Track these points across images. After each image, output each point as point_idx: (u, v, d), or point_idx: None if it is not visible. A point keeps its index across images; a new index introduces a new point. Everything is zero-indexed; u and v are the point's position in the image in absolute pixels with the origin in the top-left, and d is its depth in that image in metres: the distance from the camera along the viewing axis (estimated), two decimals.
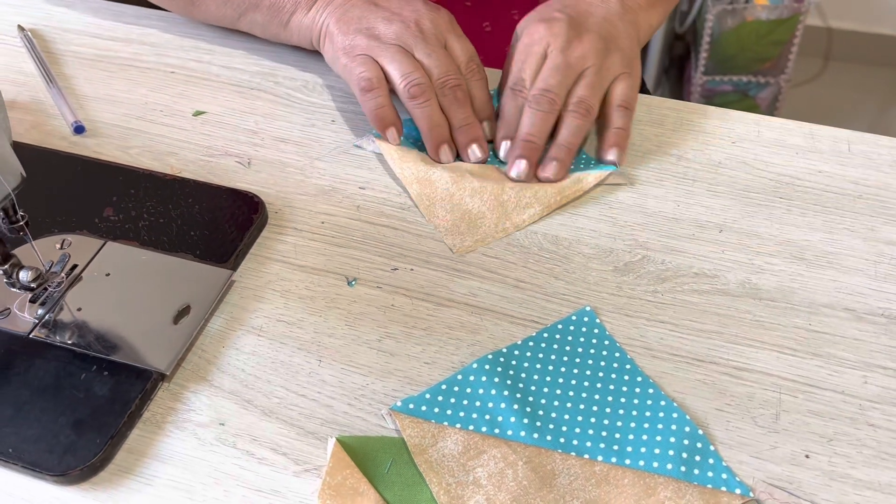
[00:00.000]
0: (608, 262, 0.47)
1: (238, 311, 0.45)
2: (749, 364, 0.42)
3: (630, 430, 0.39)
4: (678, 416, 0.40)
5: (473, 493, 0.37)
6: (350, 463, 0.38)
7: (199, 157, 0.54)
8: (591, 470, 0.38)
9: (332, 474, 0.37)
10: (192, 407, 0.41)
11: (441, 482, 0.38)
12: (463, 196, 0.49)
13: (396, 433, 0.40)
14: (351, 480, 0.37)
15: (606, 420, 0.40)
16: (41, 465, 0.38)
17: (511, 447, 0.39)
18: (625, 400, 0.41)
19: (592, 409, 0.40)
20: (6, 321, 0.44)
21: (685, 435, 0.39)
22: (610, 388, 0.41)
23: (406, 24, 0.53)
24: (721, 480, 0.37)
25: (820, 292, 0.45)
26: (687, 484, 0.37)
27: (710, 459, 0.38)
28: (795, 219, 0.49)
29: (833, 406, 0.40)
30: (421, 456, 0.38)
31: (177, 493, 0.38)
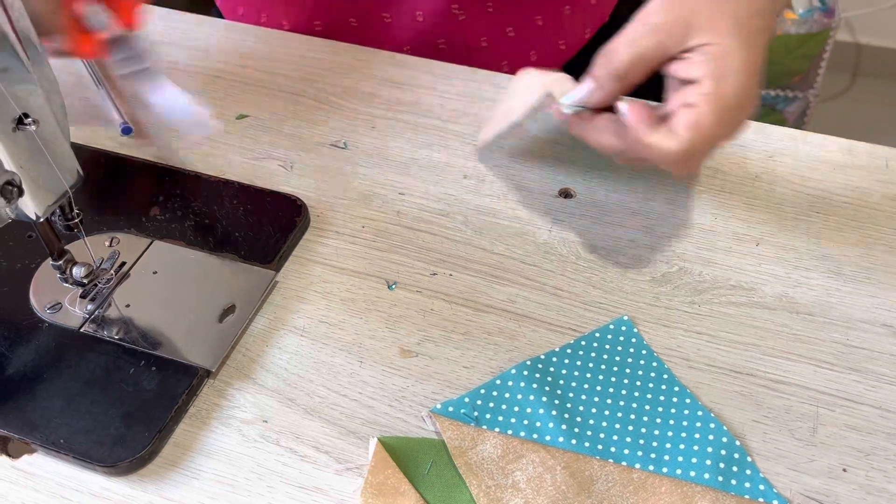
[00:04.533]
0: (645, 272, 0.48)
1: (281, 312, 0.46)
2: (786, 377, 0.42)
3: (668, 438, 0.40)
4: (715, 426, 0.40)
5: (512, 496, 0.38)
6: (391, 463, 0.39)
7: (243, 160, 0.55)
8: (628, 477, 0.38)
9: (374, 473, 0.38)
10: (236, 404, 0.42)
11: (480, 484, 0.38)
12: None
13: (436, 435, 0.40)
14: (392, 480, 0.38)
15: (644, 428, 0.40)
16: (91, 456, 0.39)
17: (549, 452, 0.39)
18: (662, 409, 0.41)
19: (630, 417, 0.41)
20: (57, 315, 0.45)
21: (722, 445, 0.39)
22: (647, 396, 0.42)
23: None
24: (759, 492, 0.38)
25: (857, 308, 0.45)
26: (724, 494, 0.38)
27: (747, 470, 0.39)
28: (832, 234, 0.49)
29: (870, 421, 0.40)
30: (461, 458, 0.39)
31: (221, 486, 0.39)
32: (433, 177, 0.53)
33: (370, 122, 0.57)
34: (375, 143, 0.56)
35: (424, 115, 0.57)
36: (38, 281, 0.47)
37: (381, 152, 0.55)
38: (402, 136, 0.56)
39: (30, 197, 0.39)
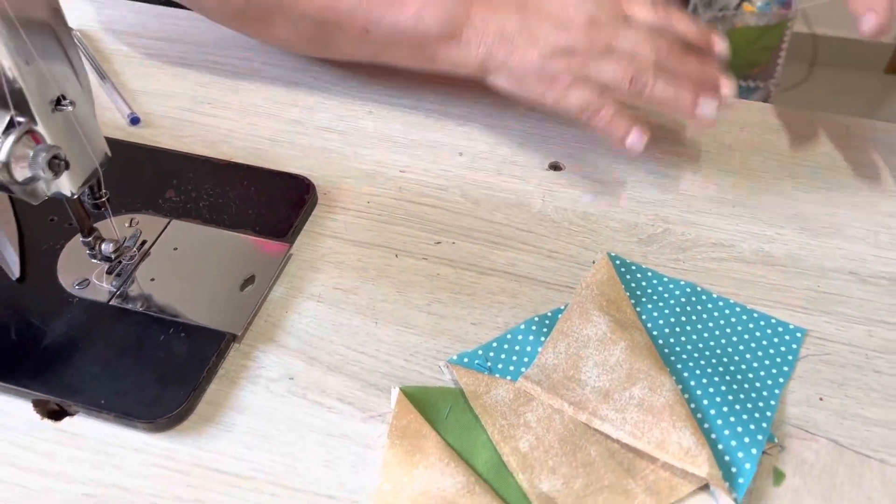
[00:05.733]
0: (633, 234, 0.51)
1: (297, 281, 0.49)
2: None
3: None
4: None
5: (524, 433, 0.41)
6: (413, 409, 0.42)
7: (249, 144, 0.58)
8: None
9: (398, 418, 0.41)
10: (262, 364, 0.45)
11: (495, 423, 0.42)
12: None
13: (453, 384, 0.44)
14: (414, 424, 0.41)
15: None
16: (132, 413, 0.42)
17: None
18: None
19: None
20: (86, 291, 0.48)
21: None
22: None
23: (584, 27, 0.49)
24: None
25: (826, 259, 0.50)
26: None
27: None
28: (801, 195, 0.54)
29: (841, 356, 0.45)
30: (476, 401, 0.43)
31: (255, 438, 0.42)
32: (430, 155, 0.57)
33: (367, 106, 0.61)
34: (374, 126, 0.59)
35: (418, 99, 0.61)
36: (64, 260, 0.49)
37: (381, 134, 0.58)
38: (399, 119, 0.60)
39: (65, 175, 0.41)
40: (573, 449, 0.41)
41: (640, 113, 0.54)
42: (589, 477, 0.40)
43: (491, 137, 0.58)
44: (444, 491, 0.39)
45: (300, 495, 0.40)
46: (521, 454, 0.41)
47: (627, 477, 0.40)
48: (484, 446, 0.41)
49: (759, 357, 0.45)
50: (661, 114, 0.59)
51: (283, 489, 0.40)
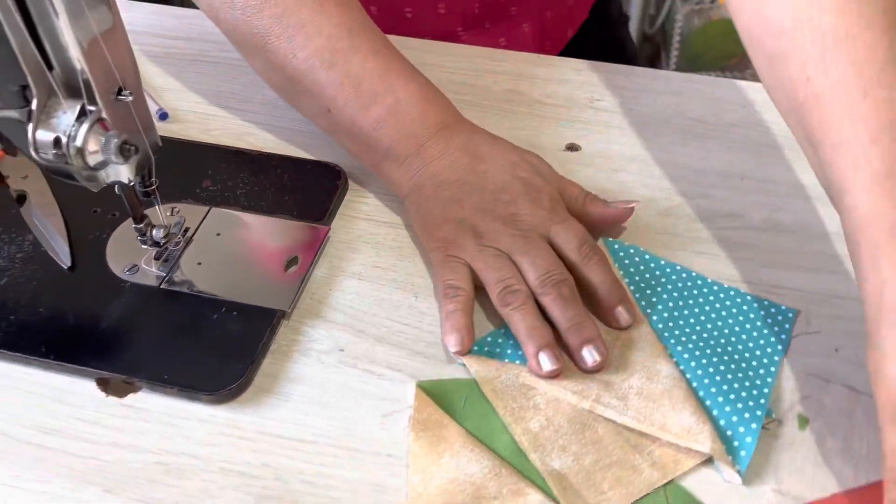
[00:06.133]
0: (651, 207, 0.55)
1: (337, 261, 0.52)
2: (780, 282, 0.50)
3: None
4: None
5: (534, 414, 0.43)
6: (431, 402, 0.44)
7: (275, 136, 0.60)
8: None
9: (418, 412, 0.43)
10: (312, 338, 0.47)
11: (506, 406, 0.43)
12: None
13: (466, 375, 0.45)
14: (435, 416, 0.43)
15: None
16: (196, 386, 0.44)
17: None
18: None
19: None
20: (136, 276, 0.50)
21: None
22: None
23: (503, 221, 0.48)
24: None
25: (831, 224, 0.53)
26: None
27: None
28: (804, 166, 0.57)
29: (854, 311, 0.48)
30: (487, 385, 0.44)
31: (312, 405, 0.44)
32: None
33: None
34: None
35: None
36: (112, 248, 0.51)
37: None
38: None
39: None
40: (581, 428, 0.43)
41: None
42: (598, 454, 0.42)
43: (508, 122, 0.61)
44: (472, 476, 0.40)
45: (361, 455, 0.42)
46: (532, 434, 0.43)
47: (634, 453, 0.42)
48: (502, 431, 0.43)
49: (755, 337, 0.47)
50: (664, 98, 0.63)
51: (345, 451, 0.42)
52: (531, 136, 0.60)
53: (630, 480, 0.41)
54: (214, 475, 0.41)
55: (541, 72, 0.65)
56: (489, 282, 0.47)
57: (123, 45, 0.42)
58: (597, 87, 0.64)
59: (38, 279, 0.49)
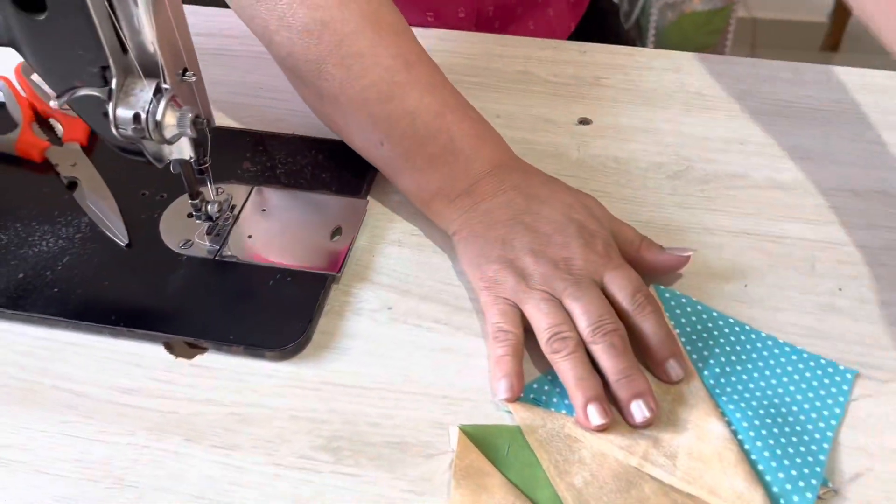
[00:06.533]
0: (661, 172, 0.59)
1: (377, 231, 0.55)
2: (785, 233, 0.55)
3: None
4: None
5: (579, 469, 0.42)
6: (474, 448, 0.43)
7: (305, 121, 0.64)
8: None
9: (460, 458, 0.42)
10: (362, 299, 0.51)
11: (550, 459, 0.43)
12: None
13: (511, 422, 0.45)
14: (477, 463, 0.42)
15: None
16: (260, 344, 0.47)
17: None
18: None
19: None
20: (191, 250, 0.53)
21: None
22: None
23: (555, 264, 0.47)
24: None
25: (827, 180, 0.58)
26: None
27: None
28: (799, 131, 0.62)
29: (854, 255, 0.53)
30: (532, 435, 0.43)
31: (369, 357, 0.48)
32: None
33: None
34: None
35: (452, 72, 0.68)
36: (164, 226, 0.55)
37: None
38: None
39: (185, 140, 0.47)
40: (627, 486, 0.41)
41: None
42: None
43: (523, 101, 0.65)
44: None
45: (419, 397, 0.46)
46: (575, 490, 0.41)
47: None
48: (545, 484, 0.42)
49: (811, 398, 0.45)
50: (667, 75, 0.67)
51: (404, 394, 0.46)
52: (545, 113, 0.64)
53: None
54: (286, 422, 0.45)
55: (548, 54, 0.70)
56: (539, 327, 0.46)
57: (185, 29, 0.45)
58: (601, 66, 0.69)
59: (99, 256, 0.53)
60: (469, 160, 0.52)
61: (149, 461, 0.43)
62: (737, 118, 0.63)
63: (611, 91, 0.66)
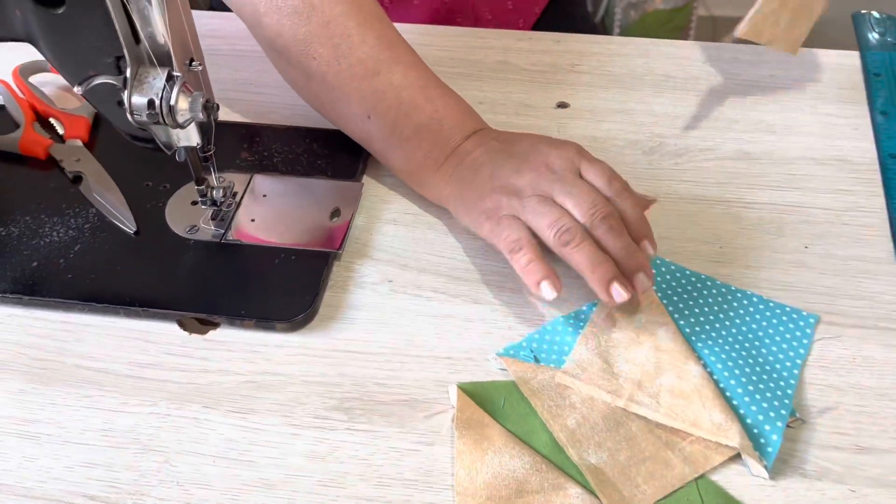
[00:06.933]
0: (636, 148, 0.63)
1: (373, 211, 0.58)
2: (754, 199, 0.59)
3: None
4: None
5: (570, 412, 0.46)
6: (472, 403, 0.46)
7: (295, 113, 0.67)
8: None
9: (461, 412, 0.46)
10: (363, 273, 0.54)
11: (543, 405, 0.46)
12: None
13: (504, 377, 0.48)
14: (476, 416, 0.46)
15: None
16: (271, 317, 0.50)
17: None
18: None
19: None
20: (197, 235, 0.56)
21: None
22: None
23: (538, 171, 0.51)
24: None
25: (790, 150, 0.62)
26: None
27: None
28: (762, 107, 0.66)
29: (816, 217, 0.57)
30: (525, 386, 0.47)
31: (374, 325, 0.51)
32: None
33: None
34: None
35: (435, 64, 0.71)
36: (170, 214, 0.57)
37: None
38: None
39: (192, 127, 0.50)
40: (616, 425, 0.45)
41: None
42: (632, 450, 0.44)
43: (503, 88, 0.69)
44: (515, 472, 0.43)
45: (423, 359, 0.49)
46: (569, 431, 0.45)
47: (666, 449, 0.44)
48: (541, 429, 0.45)
49: (777, 341, 0.49)
50: (635, 60, 0.72)
51: (409, 357, 0.49)
52: (525, 98, 0.68)
53: (663, 475, 0.43)
54: (299, 387, 0.48)
55: (524, 45, 0.74)
56: (541, 228, 0.49)
57: (191, 22, 0.48)
58: (575, 54, 0.72)
59: (109, 244, 0.55)
60: (452, 128, 0.56)
61: (171, 428, 0.46)
62: (703, 97, 0.68)
63: (586, 77, 0.70)
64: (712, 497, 0.42)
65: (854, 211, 0.58)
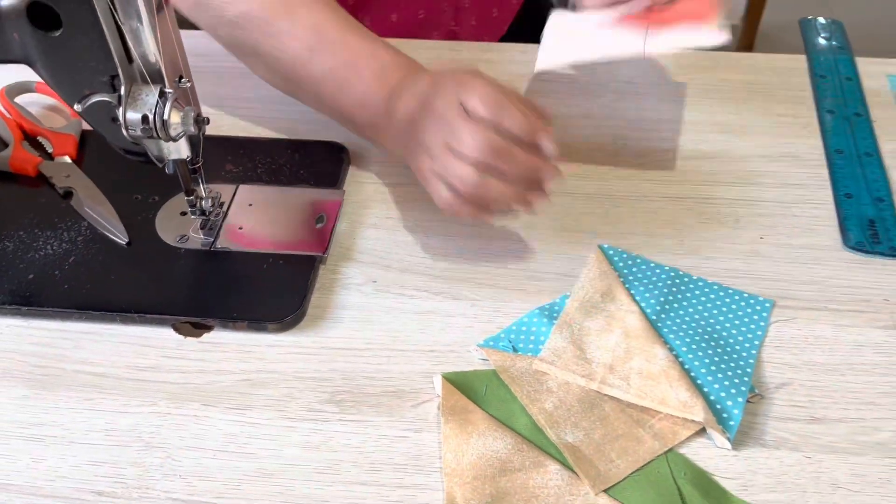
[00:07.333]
0: (602, 151, 0.67)
1: (355, 217, 0.61)
2: (711, 195, 0.63)
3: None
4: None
5: (548, 396, 0.49)
6: (456, 391, 0.49)
7: (279, 126, 0.70)
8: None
9: (446, 399, 0.49)
10: (348, 275, 0.57)
11: (522, 390, 0.49)
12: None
13: (484, 366, 0.51)
14: (461, 403, 0.49)
15: None
16: (263, 318, 0.53)
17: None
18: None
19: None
20: (188, 244, 0.58)
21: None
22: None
23: (436, 124, 0.54)
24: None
25: (743, 148, 0.67)
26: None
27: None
28: (718, 109, 0.71)
29: (769, 209, 0.61)
30: (505, 373, 0.50)
31: (361, 323, 0.54)
32: None
33: None
34: None
35: None
36: (160, 224, 0.60)
37: None
38: None
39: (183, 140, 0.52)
40: (590, 406, 0.49)
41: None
42: (605, 428, 0.48)
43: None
44: (498, 452, 0.46)
45: (409, 353, 0.52)
46: (547, 413, 0.48)
47: (637, 427, 0.48)
48: (521, 413, 0.49)
49: (737, 325, 0.53)
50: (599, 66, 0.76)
51: (395, 351, 0.52)
52: None
53: (635, 450, 0.47)
54: (293, 382, 0.51)
55: (493, 56, 0.77)
56: (454, 186, 0.53)
57: (180, 42, 0.51)
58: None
59: (103, 255, 0.58)
60: (377, 95, 0.59)
61: (172, 425, 0.49)
62: (664, 102, 0.72)
63: (552, 84, 0.74)
64: (680, 468, 0.46)
65: (804, 203, 0.62)
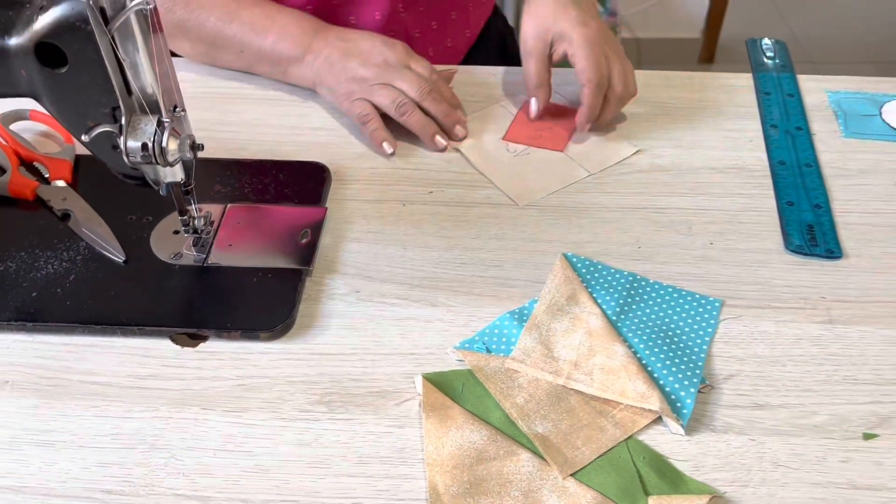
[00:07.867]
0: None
1: (338, 231, 0.66)
2: (666, 206, 0.68)
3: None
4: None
5: (518, 392, 0.54)
6: (436, 390, 0.54)
7: (263, 148, 0.74)
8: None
9: (426, 397, 0.53)
10: (333, 287, 0.62)
11: (496, 387, 0.54)
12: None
13: (461, 366, 0.56)
14: (440, 400, 0.53)
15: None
16: (255, 327, 0.57)
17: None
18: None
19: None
20: (182, 260, 0.62)
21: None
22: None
23: (378, 65, 0.73)
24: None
25: (696, 161, 0.72)
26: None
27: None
28: (672, 125, 0.76)
29: (718, 217, 0.67)
30: (479, 372, 0.55)
31: (346, 330, 0.58)
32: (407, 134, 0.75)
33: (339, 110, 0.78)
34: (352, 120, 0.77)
35: None
36: (155, 243, 0.64)
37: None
38: None
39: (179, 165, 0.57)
40: (557, 400, 0.54)
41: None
42: (571, 420, 0.53)
43: None
44: (475, 443, 0.51)
45: (392, 356, 0.57)
46: (518, 407, 0.53)
47: (600, 417, 0.53)
48: (495, 408, 0.53)
49: (689, 322, 0.58)
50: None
51: (378, 355, 0.57)
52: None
53: (598, 438, 0.52)
54: (284, 386, 0.55)
55: (463, 77, 0.82)
56: (385, 104, 0.72)
57: (174, 74, 0.55)
58: (508, 84, 0.82)
59: (102, 272, 0.61)
60: (303, 32, 0.76)
61: (174, 428, 0.53)
62: (621, 117, 0.77)
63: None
64: (639, 453, 0.51)
65: (750, 211, 0.68)
